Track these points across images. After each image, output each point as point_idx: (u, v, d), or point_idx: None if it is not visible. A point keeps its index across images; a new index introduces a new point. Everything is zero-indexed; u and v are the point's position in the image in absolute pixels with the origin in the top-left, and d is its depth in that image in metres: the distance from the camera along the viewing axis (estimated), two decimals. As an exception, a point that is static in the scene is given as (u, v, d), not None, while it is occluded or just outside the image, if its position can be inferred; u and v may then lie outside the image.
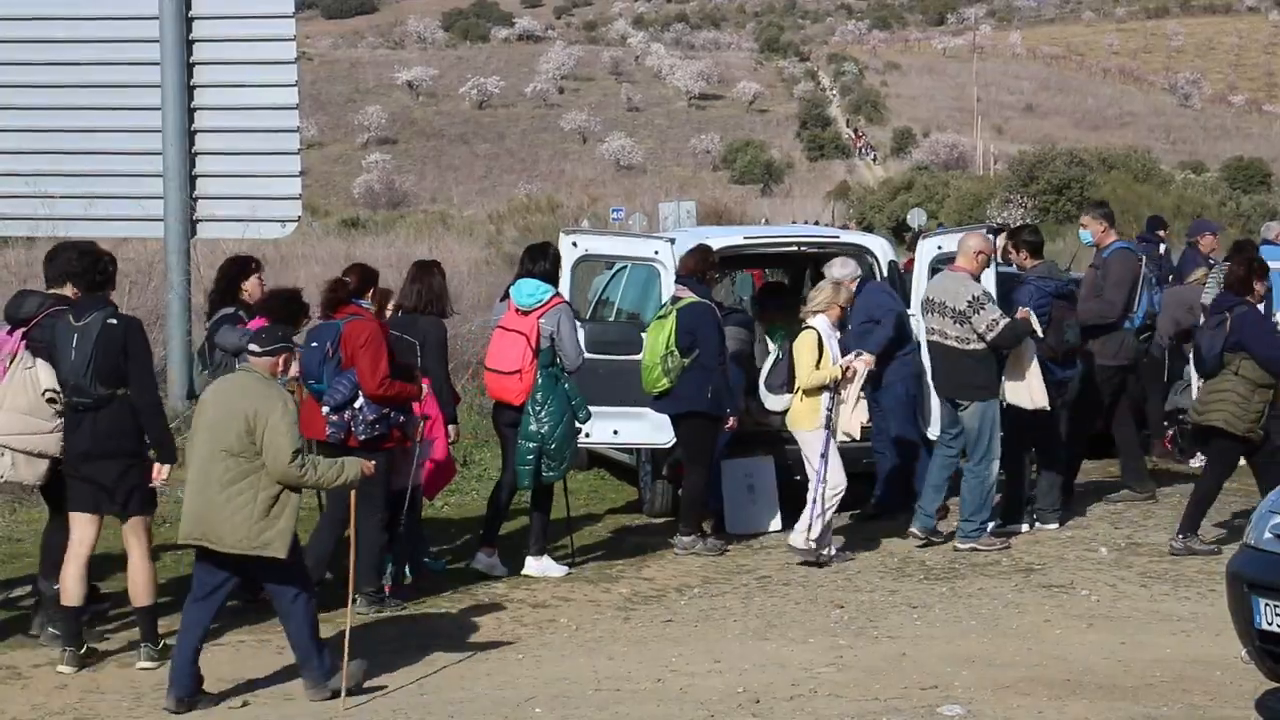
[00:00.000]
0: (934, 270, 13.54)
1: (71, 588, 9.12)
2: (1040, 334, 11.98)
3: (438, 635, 9.83)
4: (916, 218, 48.10)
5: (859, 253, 14.16)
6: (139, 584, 9.18)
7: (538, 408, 11.10)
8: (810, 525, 11.48)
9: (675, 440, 12.29)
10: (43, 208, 13.52)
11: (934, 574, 11.31)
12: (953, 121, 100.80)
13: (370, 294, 10.60)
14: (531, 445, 11.09)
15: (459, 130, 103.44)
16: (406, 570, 10.88)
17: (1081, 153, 58.01)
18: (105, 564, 10.55)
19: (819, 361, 11.43)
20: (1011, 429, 12.12)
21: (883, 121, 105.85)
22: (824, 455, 11.44)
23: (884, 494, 13.02)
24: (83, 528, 9.20)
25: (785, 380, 11.58)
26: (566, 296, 12.73)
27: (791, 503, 13.01)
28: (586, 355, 11.89)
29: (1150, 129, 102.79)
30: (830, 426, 11.44)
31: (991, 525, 12.59)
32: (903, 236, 36.63)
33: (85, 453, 9.09)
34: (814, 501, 11.46)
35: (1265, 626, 7.43)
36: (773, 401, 11.64)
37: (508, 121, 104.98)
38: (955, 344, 11.79)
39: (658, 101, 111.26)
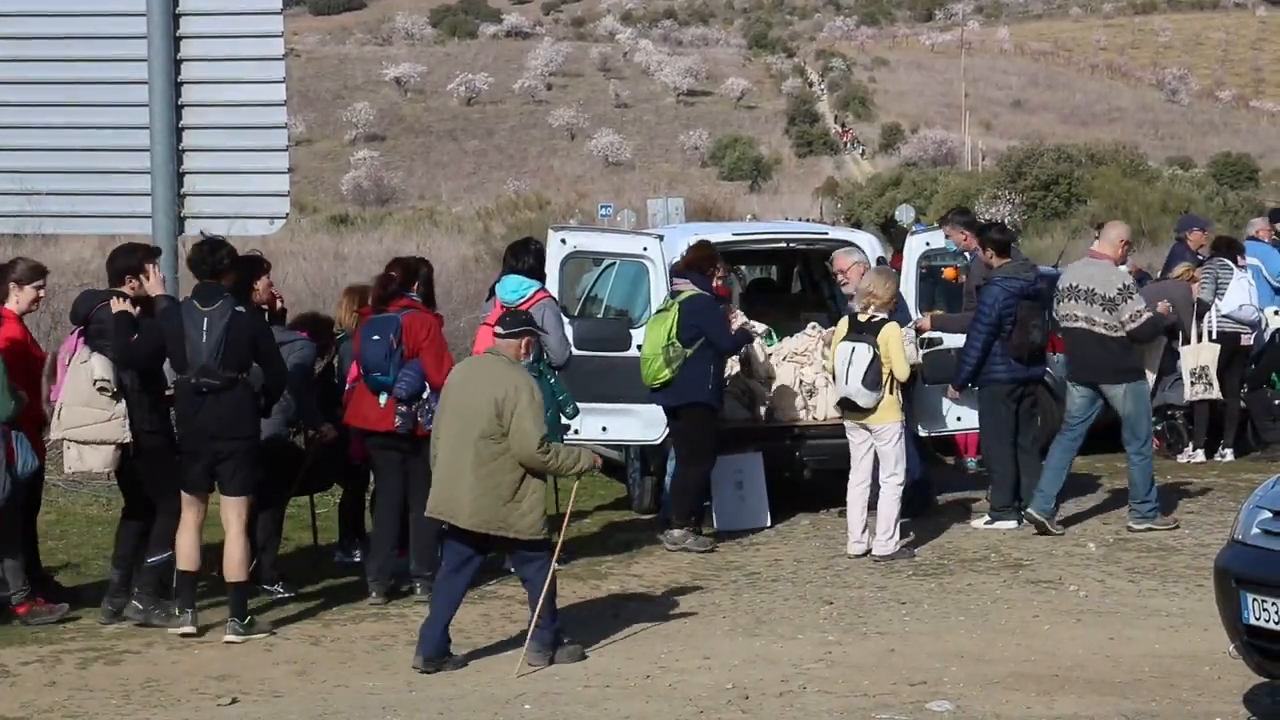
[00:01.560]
0: (925, 267, 13.58)
1: (188, 553, 9.61)
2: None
3: (427, 632, 9.83)
4: (905, 214, 48.11)
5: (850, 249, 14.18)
6: (233, 560, 9.60)
7: None
8: (894, 524, 11.63)
9: (669, 434, 12.30)
10: (29, 204, 13.48)
11: (923, 570, 11.32)
12: (941, 117, 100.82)
13: (416, 286, 10.87)
14: None
15: (447, 127, 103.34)
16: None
17: (1069, 148, 57.99)
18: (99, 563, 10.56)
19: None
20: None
21: (871, 117, 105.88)
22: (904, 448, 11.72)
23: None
24: (194, 506, 9.68)
25: (878, 376, 11.58)
26: (555, 293, 12.74)
27: (785, 500, 13.03)
28: (576, 352, 11.89)
29: (1138, 125, 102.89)
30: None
31: (985, 518, 12.64)
32: (889, 232, 36.60)
33: (205, 433, 9.55)
34: (894, 501, 11.59)
35: (1253, 621, 7.43)
36: (867, 399, 11.62)
37: (496, 118, 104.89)
38: (1103, 330, 12.11)
39: (646, 98, 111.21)
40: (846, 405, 11.73)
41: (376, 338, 10.46)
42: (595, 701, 8.28)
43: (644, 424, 12.52)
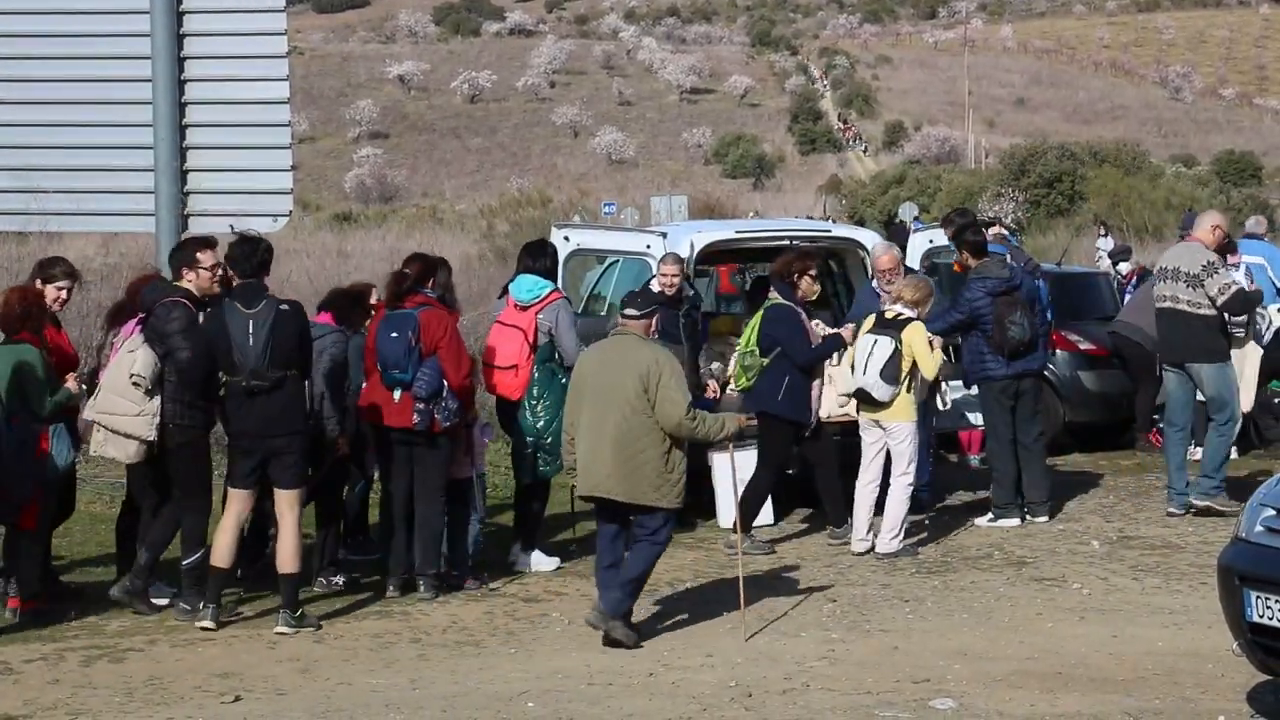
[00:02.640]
0: (926, 265, 13.59)
1: (224, 550, 9.72)
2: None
3: (430, 630, 9.84)
4: (908, 211, 48.11)
5: (851, 246, 14.19)
6: (286, 552, 9.74)
7: (534, 402, 11.12)
8: (901, 524, 11.67)
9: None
10: (34, 202, 13.49)
11: (926, 567, 11.32)
12: (944, 115, 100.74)
13: (432, 283, 10.88)
14: (529, 439, 11.11)
15: (450, 125, 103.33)
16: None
17: (1073, 146, 57.95)
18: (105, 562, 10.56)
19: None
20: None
21: (874, 115, 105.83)
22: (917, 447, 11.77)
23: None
24: (241, 502, 9.81)
25: (896, 371, 11.61)
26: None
27: (787, 498, 13.02)
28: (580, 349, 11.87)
29: (1141, 122, 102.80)
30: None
31: (989, 516, 12.64)
32: (890, 230, 36.57)
33: (256, 431, 9.68)
34: (903, 501, 11.63)
35: (1256, 619, 7.44)
36: (882, 392, 11.64)
37: (499, 116, 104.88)
38: (1187, 308, 12.31)
39: (649, 95, 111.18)
40: (861, 398, 11.74)
41: (395, 335, 10.46)
42: (598, 699, 8.28)
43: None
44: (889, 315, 11.76)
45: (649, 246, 12.91)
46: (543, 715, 8.02)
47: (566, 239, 12.81)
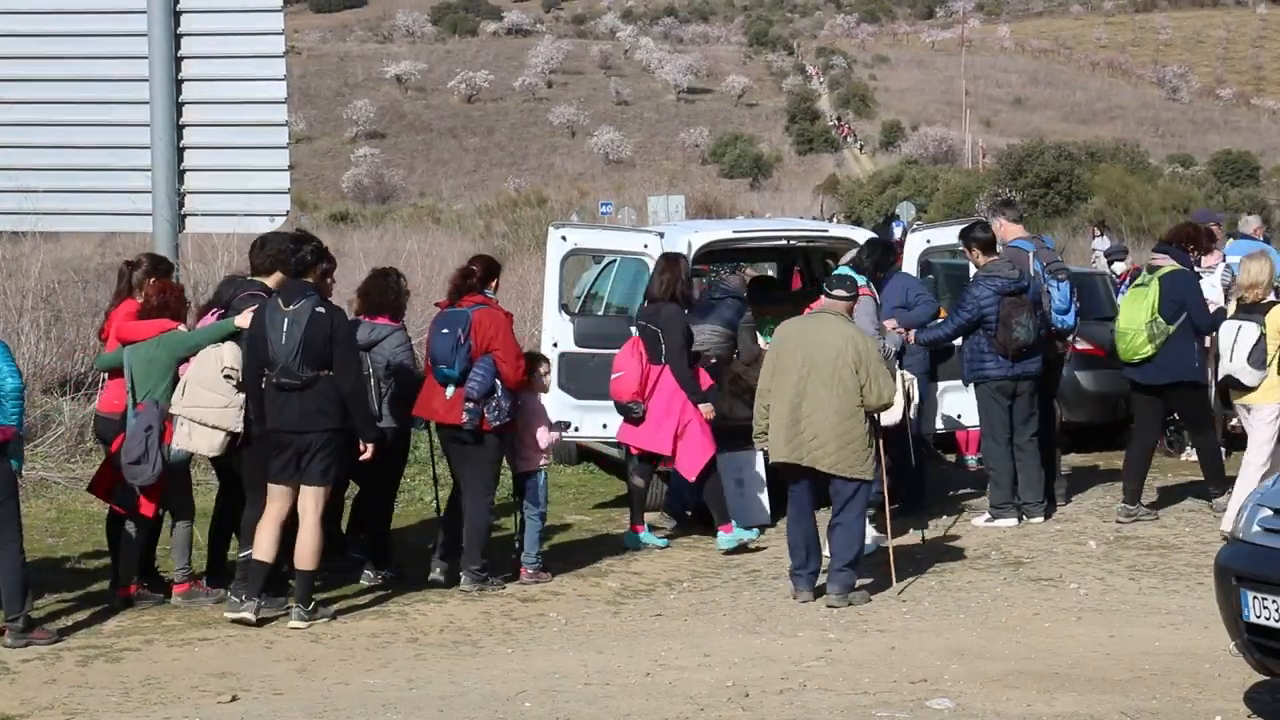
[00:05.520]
0: (923, 264, 13.59)
1: (266, 544, 9.79)
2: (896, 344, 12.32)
3: (428, 630, 9.84)
4: (906, 210, 48.13)
5: (848, 246, 14.18)
6: (304, 548, 9.82)
7: None
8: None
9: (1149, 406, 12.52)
10: (28, 201, 13.49)
11: (923, 568, 11.31)
12: (941, 115, 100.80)
13: (494, 284, 11.11)
14: None
15: (448, 124, 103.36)
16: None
17: (1070, 146, 58.02)
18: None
19: None
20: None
21: (871, 115, 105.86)
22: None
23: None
24: (282, 498, 9.86)
25: (1263, 355, 11.68)
26: (555, 291, 12.77)
27: (781, 498, 13.01)
28: (575, 349, 11.92)
29: (1138, 122, 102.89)
30: None
31: (986, 515, 12.64)
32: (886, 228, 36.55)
33: (289, 427, 9.75)
34: (1252, 480, 11.53)
35: (1254, 619, 7.43)
36: (1251, 377, 11.73)
37: (497, 115, 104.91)
38: None
39: (646, 95, 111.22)
40: (1230, 384, 11.87)
41: (445, 331, 10.67)
42: (595, 699, 8.28)
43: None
44: (1249, 299, 11.86)
45: (646, 246, 12.92)
46: (540, 715, 8.02)
47: (564, 239, 12.80)
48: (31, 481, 13.43)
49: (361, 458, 10.05)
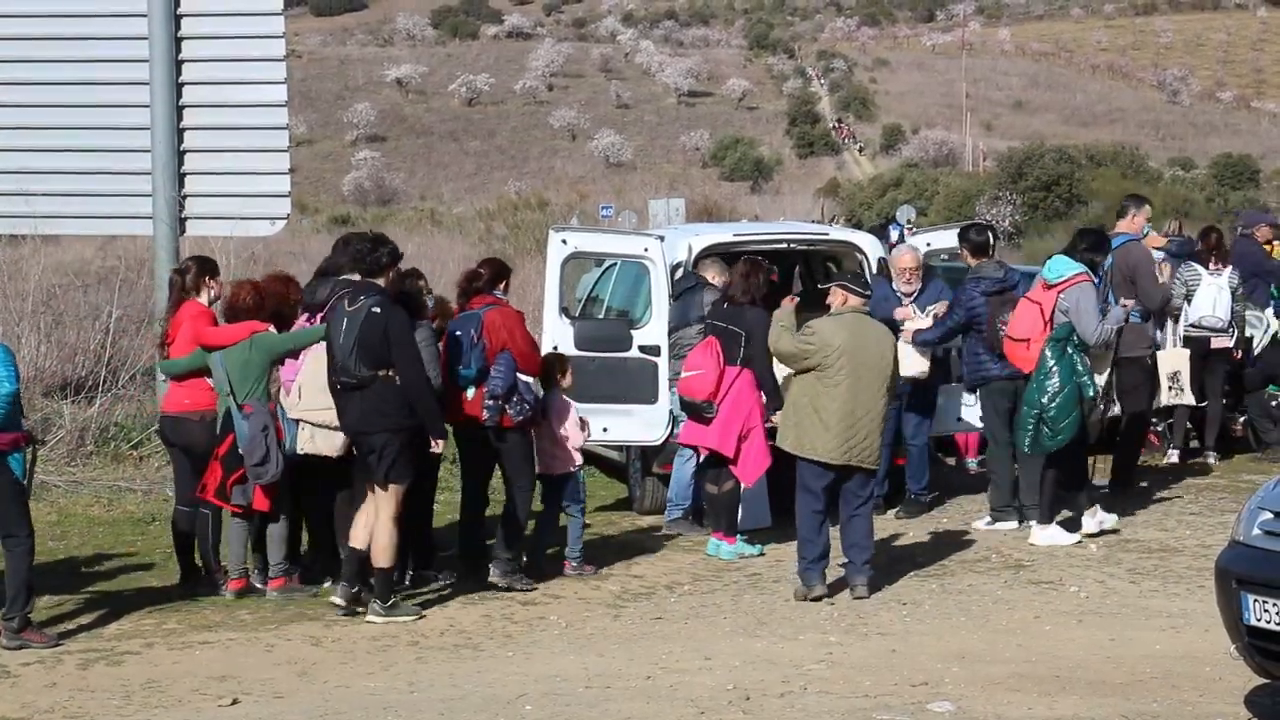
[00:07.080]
0: (924, 265, 13.58)
1: (360, 532, 9.99)
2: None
3: (428, 633, 9.84)
4: (905, 213, 48.12)
5: (848, 249, 14.20)
6: (381, 546, 9.93)
7: (1044, 377, 11.55)
8: None
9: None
10: (27, 205, 13.50)
11: (924, 570, 11.32)
12: (942, 118, 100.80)
13: (504, 285, 11.19)
14: (1033, 412, 11.56)
15: (448, 127, 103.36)
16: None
17: (1070, 149, 58.04)
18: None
19: None
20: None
21: (872, 118, 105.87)
22: None
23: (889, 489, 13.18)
24: (369, 494, 10.01)
25: None
26: (555, 294, 12.78)
27: (786, 500, 13.01)
28: (575, 352, 11.94)
29: (1139, 125, 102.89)
30: None
31: (986, 518, 12.64)
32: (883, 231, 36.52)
33: (352, 427, 9.92)
34: None
35: (1254, 622, 7.43)
36: None
37: (497, 119, 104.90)
38: None
39: (647, 98, 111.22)
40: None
41: (458, 333, 10.81)
42: (596, 702, 8.28)
43: (645, 424, 12.53)
44: None
45: (647, 249, 12.92)
46: (540, 718, 8.02)
47: (564, 242, 12.81)
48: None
49: (431, 450, 10.16)
